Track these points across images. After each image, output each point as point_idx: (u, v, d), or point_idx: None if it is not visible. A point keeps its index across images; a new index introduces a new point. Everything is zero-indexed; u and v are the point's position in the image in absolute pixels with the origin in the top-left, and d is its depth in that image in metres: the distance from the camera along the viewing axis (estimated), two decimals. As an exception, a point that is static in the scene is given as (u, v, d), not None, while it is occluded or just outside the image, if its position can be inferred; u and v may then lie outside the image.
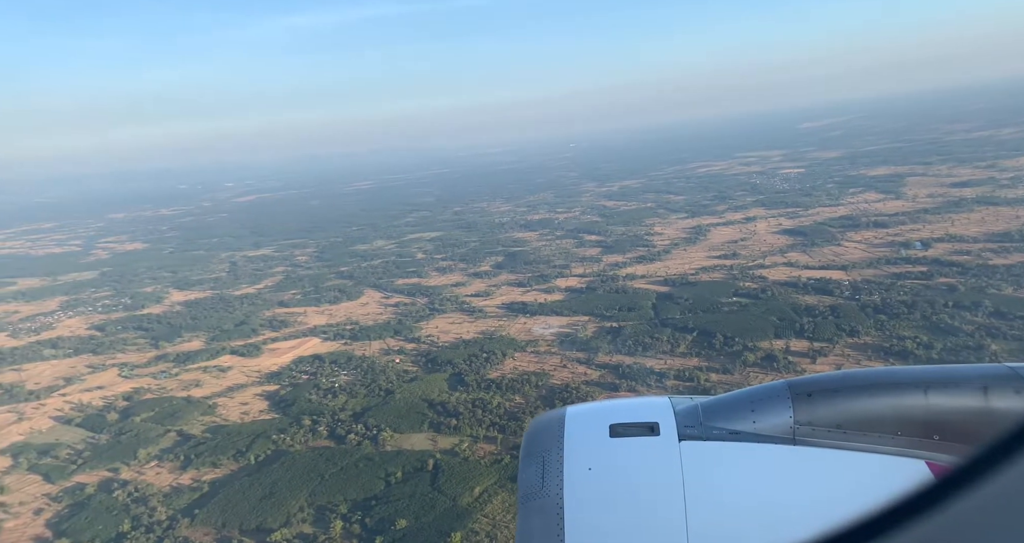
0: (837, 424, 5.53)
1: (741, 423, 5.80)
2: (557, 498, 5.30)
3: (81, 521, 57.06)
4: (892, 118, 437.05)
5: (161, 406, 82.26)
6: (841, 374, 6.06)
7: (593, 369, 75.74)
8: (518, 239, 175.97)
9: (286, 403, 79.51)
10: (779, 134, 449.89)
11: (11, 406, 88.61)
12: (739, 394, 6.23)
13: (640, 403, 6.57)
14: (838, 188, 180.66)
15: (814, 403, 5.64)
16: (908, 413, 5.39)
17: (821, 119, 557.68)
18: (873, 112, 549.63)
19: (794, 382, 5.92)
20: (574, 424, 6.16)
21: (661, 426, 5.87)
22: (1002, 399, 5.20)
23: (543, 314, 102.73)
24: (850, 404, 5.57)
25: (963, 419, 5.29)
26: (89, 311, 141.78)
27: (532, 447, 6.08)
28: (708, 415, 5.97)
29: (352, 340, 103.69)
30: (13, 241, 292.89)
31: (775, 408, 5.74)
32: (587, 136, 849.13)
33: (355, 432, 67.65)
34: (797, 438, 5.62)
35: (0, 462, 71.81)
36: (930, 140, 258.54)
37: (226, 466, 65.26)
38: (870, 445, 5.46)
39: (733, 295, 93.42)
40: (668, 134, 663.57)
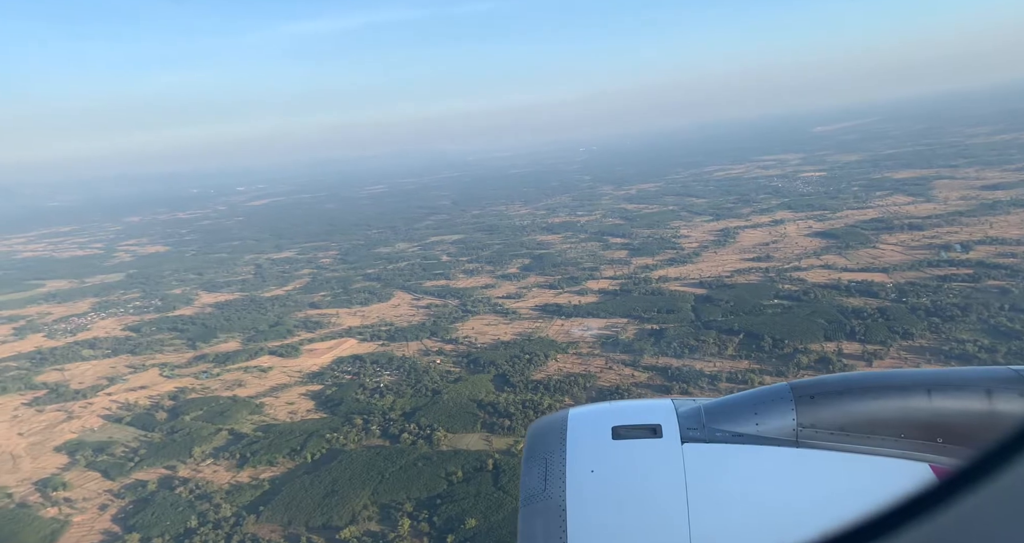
0: (840, 426, 5.51)
1: (744, 425, 5.77)
2: (560, 500, 5.28)
3: (148, 517, 57.73)
4: (908, 121, 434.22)
5: (209, 405, 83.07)
6: (844, 376, 6.11)
7: (640, 371, 75.74)
8: (542, 242, 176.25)
9: (333, 402, 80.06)
10: (793, 138, 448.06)
11: (59, 405, 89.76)
12: (742, 396, 6.21)
13: (642, 405, 6.60)
14: (864, 191, 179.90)
15: (817, 405, 5.61)
16: (911, 416, 5.37)
17: (834, 123, 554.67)
18: (887, 116, 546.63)
19: (797, 384, 5.90)
20: (576, 426, 6.15)
21: (664, 428, 5.85)
22: (1006, 402, 5.18)
23: (579, 316, 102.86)
24: (853, 406, 5.54)
25: (967, 422, 5.25)
26: (121, 312, 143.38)
27: (534, 449, 6.05)
28: (711, 417, 5.95)
29: (389, 341, 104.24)
30: (35, 244, 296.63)
31: (778, 410, 5.71)
32: (597, 140, 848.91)
33: (408, 431, 68.06)
34: (800, 440, 5.58)
35: (57, 459, 72.83)
36: (951, 143, 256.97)
37: (282, 464, 65.83)
38: (873, 448, 5.43)
39: (774, 297, 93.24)
40: (678, 138, 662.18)
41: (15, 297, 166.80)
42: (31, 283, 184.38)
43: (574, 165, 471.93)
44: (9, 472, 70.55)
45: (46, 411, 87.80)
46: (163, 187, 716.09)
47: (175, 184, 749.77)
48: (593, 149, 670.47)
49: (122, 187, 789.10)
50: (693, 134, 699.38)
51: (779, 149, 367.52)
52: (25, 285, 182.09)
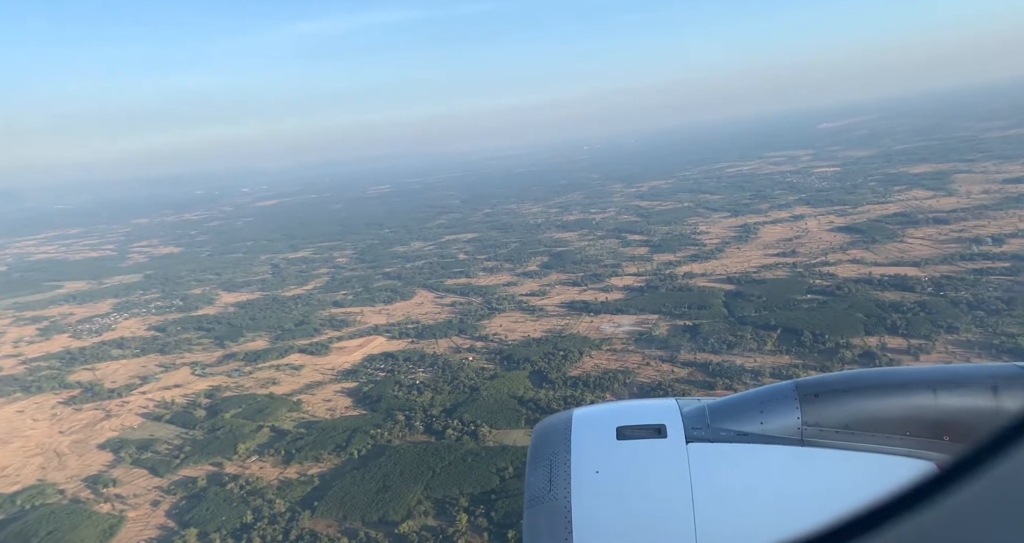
0: (845, 425, 5.49)
1: (748, 424, 5.77)
2: (565, 501, 5.29)
3: (202, 512, 58.08)
4: (915, 117, 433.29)
5: (247, 403, 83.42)
6: (849, 374, 6.07)
7: (679, 367, 75.78)
8: (559, 239, 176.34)
9: (372, 399, 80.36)
10: (799, 134, 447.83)
11: (95, 403, 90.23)
12: (746, 395, 6.23)
13: (647, 405, 6.60)
14: (882, 186, 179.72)
15: (822, 404, 5.60)
16: (917, 413, 5.35)
17: (839, 119, 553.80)
18: (892, 112, 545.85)
19: (801, 382, 5.90)
20: (581, 427, 6.15)
21: (668, 428, 5.86)
22: (1012, 398, 5.15)
23: (608, 313, 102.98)
24: (858, 404, 5.53)
25: (973, 419, 5.22)
26: (143, 313, 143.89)
27: (539, 450, 6.06)
28: (715, 417, 5.95)
29: (418, 339, 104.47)
30: (46, 246, 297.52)
31: (782, 409, 5.70)
32: (599, 139, 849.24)
33: (452, 427, 68.31)
34: (805, 439, 5.57)
35: (102, 457, 73.25)
36: (964, 138, 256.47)
37: (328, 460, 66.14)
38: (879, 446, 5.41)
39: (807, 292, 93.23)
40: (680, 136, 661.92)
41: (36, 298, 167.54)
42: (49, 284, 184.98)
43: (579, 163, 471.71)
44: (56, 469, 71.00)
45: (84, 410, 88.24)
46: (167, 189, 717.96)
47: (179, 186, 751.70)
48: (596, 148, 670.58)
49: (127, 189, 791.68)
50: (695, 132, 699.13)
51: (787, 146, 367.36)
52: (44, 286, 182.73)
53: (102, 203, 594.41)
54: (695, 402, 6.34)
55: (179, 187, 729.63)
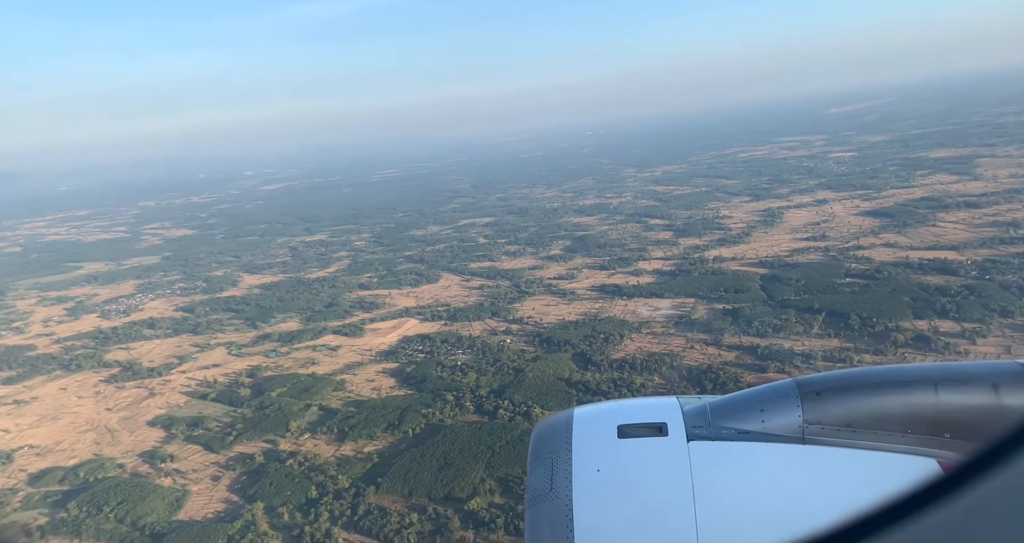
0: (847, 423, 5.51)
1: (750, 423, 5.78)
2: (566, 500, 5.31)
3: (266, 487, 58.90)
4: (926, 102, 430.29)
5: (290, 382, 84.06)
6: (850, 372, 6.11)
7: (725, 350, 75.92)
8: (578, 224, 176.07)
9: (416, 380, 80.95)
10: (808, 119, 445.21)
11: (137, 382, 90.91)
12: (747, 393, 6.24)
13: (648, 403, 6.61)
14: (904, 170, 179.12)
15: (823, 402, 5.62)
16: (918, 411, 5.37)
17: (847, 104, 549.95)
18: (900, 97, 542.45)
19: (802, 381, 5.92)
20: (582, 425, 6.17)
21: (669, 426, 5.88)
22: (1013, 396, 5.20)
23: (641, 296, 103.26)
24: (859, 402, 5.55)
25: (974, 417, 5.27)
26: (168, 294, 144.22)
27: (540, 449, 6.11)
28: (716, 415, 5.96)
29: (451, 321, 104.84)
30: (56, 228, 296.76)
31: (784, 407, 5.72)
32: (602, 124, 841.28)
33: (503, 408, 68.93)
34: (806, 437, 5.60)
35: (153, 433, 74.03)
36: (981, 123, 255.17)
37: (383, 438, 66.89)
38: (880, 443, 5.43)
39: (845, 276, 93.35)
40: (687, 121, 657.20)
41: (57, 279, 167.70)
42: (68, 265, 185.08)
43: (586, 148, 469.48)
44: (110, 445, 71.81)
45: (126, 388, 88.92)
46: (170, 172, 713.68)
47: (181, 169, 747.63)
48: (601, 133, 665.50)
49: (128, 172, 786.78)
50: (701, 117, 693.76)
51: (798, 130, 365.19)
52: (63, 267, 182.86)
53: (105, 186, 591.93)
54: (696, 400, 6.36)
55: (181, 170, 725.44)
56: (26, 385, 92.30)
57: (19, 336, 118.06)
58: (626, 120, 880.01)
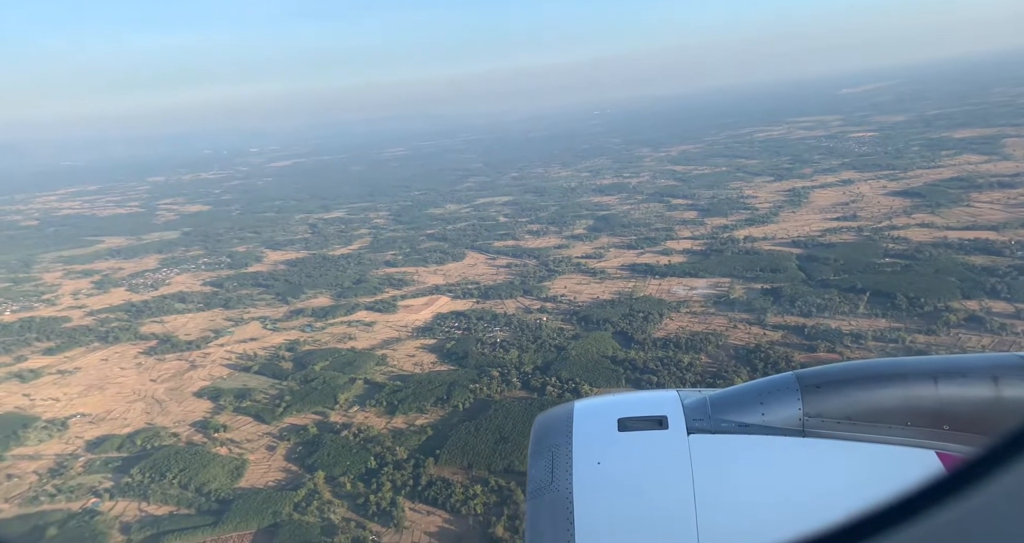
0: (847, 415, 5.53)
1: (750, 416, 5.78)
2: (567, 492, 5.32)
3: (324, 457, 59.87)
4: (939, 83, 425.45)
5: (331, 356, 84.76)
6: (850, 365, 6.16)
7: (770, 330, 76.06)
8: (599, 203, 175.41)
9: (456, 356, 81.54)
10: (821, 100, 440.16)
11: (176, 354, 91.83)
12: (747, 387, 6.24)
13: (648, 397, 6.68)
14: (928, 150, 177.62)
15: (823, 395, 5.64)
16: (918, 403, 5.39)
17: (858, 85, 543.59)
18: (911, 78, 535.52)
19: (802, 374, 5.92)
20: (582, 419, 6.20)
21: (670, 419, 5.88)
22: (1013, 388, 5.24)
23: (674, 276, 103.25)
24: (859, 395, 5.56)
25: (973, 409, 5.31)
26: (193, 268, 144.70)
27: (541, 442, 6.14)
28: (716, 408, 5.97)
29: (483, 299, 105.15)
30: (69, 202, 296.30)
31: (784, 400, 5.73)
32: (608, 104, 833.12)
33: (551, 384, 69.53)
34: (806, 430, 5.61)
35: (201, 404, 75.03)
36: (1002, 103, 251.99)
37: (433, 412, 67.70)
38: (880, 436, 5.45)
39: (884, 256, 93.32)
40: (695, 102, 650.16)
41: (79, 252, 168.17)
42: (89, 239, 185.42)
43: (595, 128, 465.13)
44: (160, 414, 72.88)
45: (167, 360, 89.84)
46: (173, 148, 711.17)
47: (185, 145, 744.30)
48: (607, 112, 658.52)
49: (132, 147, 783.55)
50: (709, 98, 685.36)
51: (812, 111, 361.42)
52: (84, 241, 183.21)
53: (111, 161, 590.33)
54: (696, 393, 6.37)
55: (185, 146, 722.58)
56: (67, 356, 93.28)
57: (52, 308, 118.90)
58: (631, 100, 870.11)
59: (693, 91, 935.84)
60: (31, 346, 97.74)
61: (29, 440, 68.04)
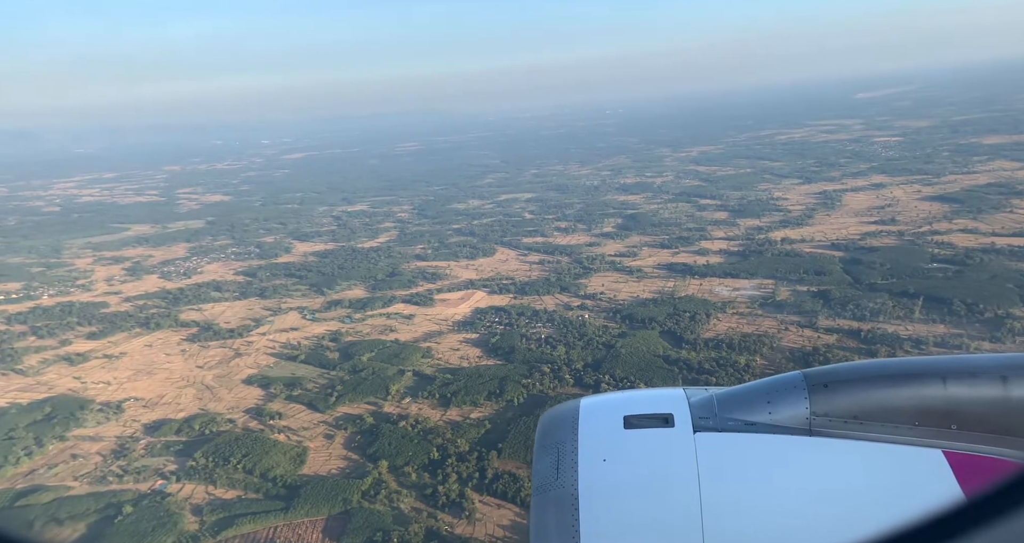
0: (854, 415, 5.50)
1: (757, 414, 5.77)
2: (572, 490, 5.31)
3: (384, 447, 59.93)
4: (959, 89, 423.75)
5: (376, 348, 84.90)
6: (858, 365, 6.15)
7: (823, 333, 75.46)
8: (624, 202, 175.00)
9: (503, 350, 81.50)
10: (838, 104, 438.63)
11: (220, 342, 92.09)
12: (754, 385, 6.20)
13: (654, 394, 6.62)
14: (959, 156, 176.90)
15: (831, 394, 5.62)
16: (926, 403, 5.38)
17: (875, 90, 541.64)
18: (929, 83, 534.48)
19: (810, 373, 5.90)
20: (588, 416, 6.16)
21: (676, 417, 5.87)
22: (1022, 388, 5.23)
23: (714, 276, 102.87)
24: (867, 394, 5.54)
25: (982, 409, 5.29)
26: (223, 258, 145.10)
27: (546, 439, 6.07)
28: (723, 406, 5.96)
29: (520, 294, 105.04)
30: (88, 189, 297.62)
31: (791, 399, 5.72)
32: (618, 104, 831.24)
33: (605, 382, 69.39)
34: (813, 429, 5.59)
35: (251, 391, 75.24)
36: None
37: (487, 406, 67.70)
38: (887, 436, 5.43)
39: (931, 261, 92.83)
40: (707, 103, 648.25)
41: (107, 239, 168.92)
42: (114, 227, 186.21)
43: (608, 127, 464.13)
44: (213, 400, 73.12)
45: (210, 347, 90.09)
46: (184, 138, 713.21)
47: (195, 135, 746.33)
48: (619, 112, 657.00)
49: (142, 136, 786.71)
50: (721, 99, 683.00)
51: (830, 114, 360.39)
52: (109, 228, 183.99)
53: (123, 149, 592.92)
54: (703, 391, 6.34)
55: (196, 136, 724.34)
56: (110, 341, 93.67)
57: (88, 294, 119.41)
58: (642, 100, 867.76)
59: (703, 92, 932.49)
60: (74, 330, 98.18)
61: (88, 422, 68.43)
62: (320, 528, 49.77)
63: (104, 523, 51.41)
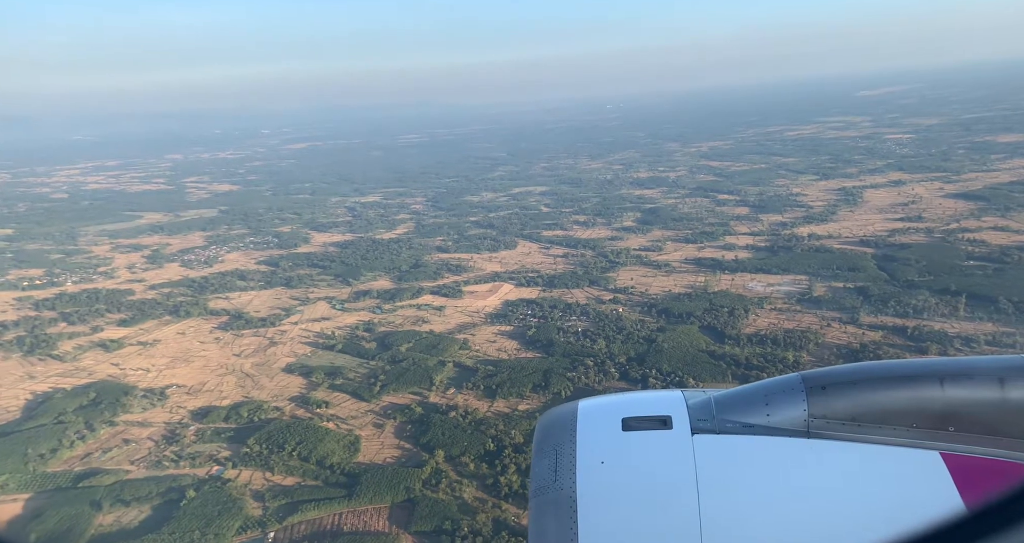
0: (852, 417, 5.52)
1: (755, 416, 5.78)
2: (570, 492, 5.33)
3: (438, 436, 59.73)
4: (963, 88, 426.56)
5: (412, 338, 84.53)
6: (856, 367, 6.11)
7: (868, 330, 75.41)
8: (641, 196, 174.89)
9: (540, 343, 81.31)
10: (842, 101, 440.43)
11: (252, 331, 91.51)
12: (753, 387, 6.22)
13: (653, 397, 6.70)
14: (976, 154, 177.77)
15: (829, 396, 5.63)
16: (924, 405, 5.40)
17: (877, 88, 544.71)
18: (932, 82, 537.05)
19: (808, 375, 5.90)
20: (586, 418, 6.21)
21: (674, 419, 5.90)
22: (1018, 390, 5.27)
23: (744, 271, 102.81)
24: (865, 397, 5.54)
25: (979, 410, 5.32)
26: (242, 247, 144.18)
27: (545, 441, 6.12)
28: (721, 408, 5.97)
29: (548, 287, 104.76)
30: (93, 176, 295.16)
31: (789, 401, 5.73)
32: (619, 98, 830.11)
33: (652, 376, 69.21)
34: (812, 431, 5.60)
35: (292, 380, 74.87)
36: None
37: (533, 398, 67.63)
38: (885, 437, 5.43)
39: (968, 259, 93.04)
40: (709, 99, 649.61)
41: (121, 227, 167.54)
42: (127, 214, 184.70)
43: (611, 122, 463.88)
44: (255, 388, 72.72)
45: (244, 336, 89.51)
46: (182, 126, 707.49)
47: (193, 124, 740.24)
48: (621, 107, 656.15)
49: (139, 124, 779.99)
50: (720, 96, 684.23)
51: (834, 111, 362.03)
52: (122, 216, 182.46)
53: (121, 136, 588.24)
54: (701, 394, 6.35)
55: (194, 125, 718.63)
56: (142, 328, 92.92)
57: (111, 281, 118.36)
58: (641, 95, 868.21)
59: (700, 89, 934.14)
60: (103, 317, 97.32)
61: (133, 407, 68.00)
62: (385, 516, 49.62)
63: (169, 506, 51.21)
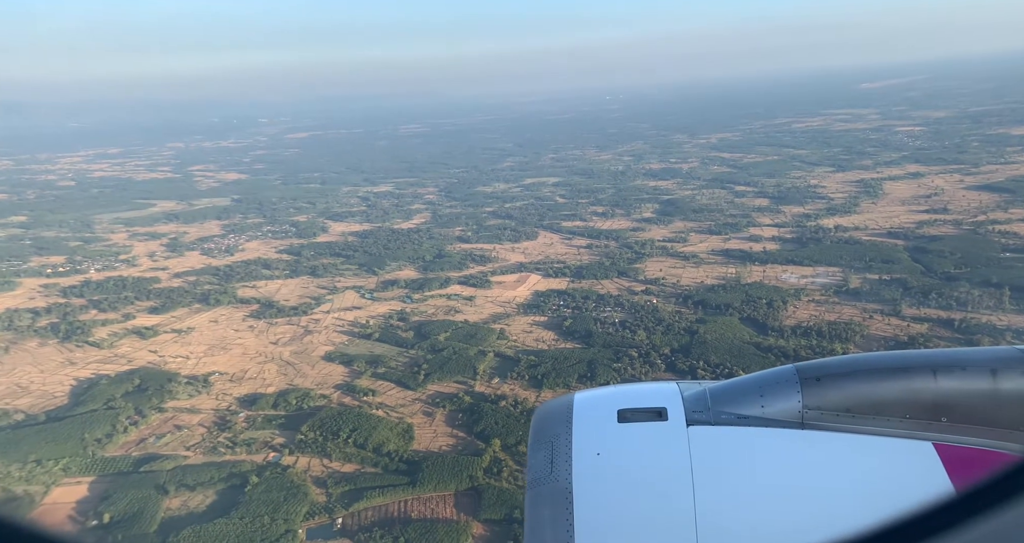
0: (846, 408, 5.58)
1: (749, 408, 5.82)
2: (566, 483, 5.34)
3: (491, 425, 59.61)
4: (969, 80, 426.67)
5: (449, 328, 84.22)
6: (850, 358, 6.18)
7: (912, 322, 75.26)
8: (656, 187, 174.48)
9: (579, 334, 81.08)
10: (846, 93, 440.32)
11: (285, 319, 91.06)
12: (747, 379, 6.27)
13: (648, 388, 6.64)
14: (991, 146, 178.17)
15: (823, 387, 5.69)
16: (917, 396, 5.46)
17: (880, 80, 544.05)
18: (935, 74, 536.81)
19: (803, 366, 5.98)
20: (582, 410, 6.22)
21: (669, 411, 5.92)
22: (1011, 381, 5.33)
23: (775, 263, 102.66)
24: (859, 388, 5.62)
25: (972, 401, 5.39)
26: (260, 236, 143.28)
27: (540, 433, 6.14)
28: (716, 400, 6.00)
29: (576, 278, 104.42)
30: (97, 164, 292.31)
31: (784, 393, 5.78)
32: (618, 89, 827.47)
33: (700, 368, 69.05)
34: (806, 422, 5.65)
35: (334, 368, 74.56)
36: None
37: (580, 388, 67.38)
38: (879, 428, 5.49)
39: (1003, 251, 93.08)
40: (707, 90, 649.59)
41: (135, 215, 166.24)
42: (140, 203, 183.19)
43: (613, 113, 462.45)
44: (298, 376, 72.41)
45: (278, 324, 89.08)
46: (179, 114, 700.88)
47: (190, 112, 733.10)
48: (620, 98, 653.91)
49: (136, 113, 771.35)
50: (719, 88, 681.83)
51: (840, 104, 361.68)
52: (135, 204, 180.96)
53: (118, 125, 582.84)
54: (696, 385, 6.38)
55: (191, 113, 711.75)
56: (173, 316, 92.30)
57: (134, 269, 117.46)
58: (639, 86, 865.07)
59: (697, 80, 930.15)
60: (133, 304, 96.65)
61: (179, 394, 67.66)
62: (451, 503, 49.60)
63: (234, 491, 51.10)
